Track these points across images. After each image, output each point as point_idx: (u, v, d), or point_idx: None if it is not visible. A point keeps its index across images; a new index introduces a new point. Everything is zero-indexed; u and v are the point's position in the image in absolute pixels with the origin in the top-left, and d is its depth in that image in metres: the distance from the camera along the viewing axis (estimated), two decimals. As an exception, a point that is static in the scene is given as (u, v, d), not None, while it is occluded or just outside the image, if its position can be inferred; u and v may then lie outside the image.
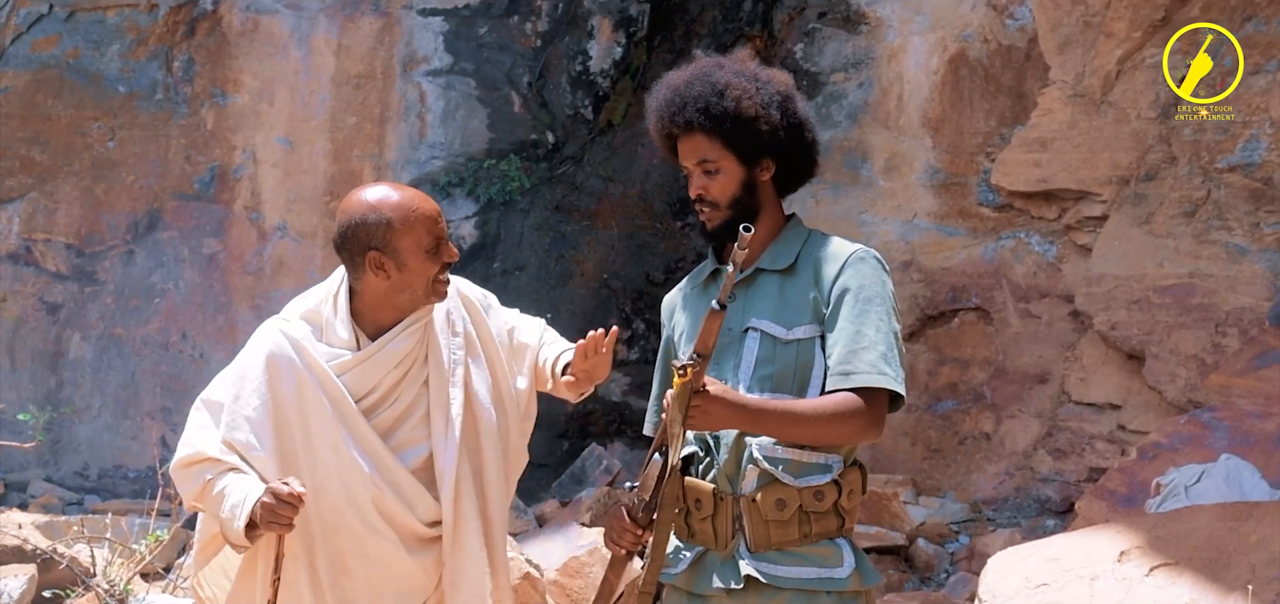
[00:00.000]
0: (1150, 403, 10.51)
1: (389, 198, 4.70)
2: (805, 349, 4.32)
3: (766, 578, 4.27)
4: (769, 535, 4.27)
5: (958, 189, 11.70)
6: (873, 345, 4.28)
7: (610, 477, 11.38)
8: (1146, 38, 11.00)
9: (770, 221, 4.49)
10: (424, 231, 4.68)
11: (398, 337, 4.76)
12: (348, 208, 4.75)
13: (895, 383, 4.28)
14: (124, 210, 13.57)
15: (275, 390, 4.72)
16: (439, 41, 13.36)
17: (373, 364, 4.74)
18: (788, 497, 4.26)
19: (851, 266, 4.36)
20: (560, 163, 13.39)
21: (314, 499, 4.65)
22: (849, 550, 4.32)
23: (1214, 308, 10.40)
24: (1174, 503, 8.66)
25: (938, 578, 9.81)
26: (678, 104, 4.43)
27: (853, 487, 4.34)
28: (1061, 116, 11.24)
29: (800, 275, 4.40)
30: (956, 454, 11.30)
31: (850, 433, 4.29)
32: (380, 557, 4.73)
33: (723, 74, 4.42)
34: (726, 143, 4.38)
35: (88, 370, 13.46)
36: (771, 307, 4.37)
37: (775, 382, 4.31)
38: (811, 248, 4.45)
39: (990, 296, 11.44)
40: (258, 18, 13.52)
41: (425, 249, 4.69)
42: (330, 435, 4.69)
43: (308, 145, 13.43)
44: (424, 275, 4.71)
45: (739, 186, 4.41)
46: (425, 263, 4.70)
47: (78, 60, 13.67)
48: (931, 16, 11.95)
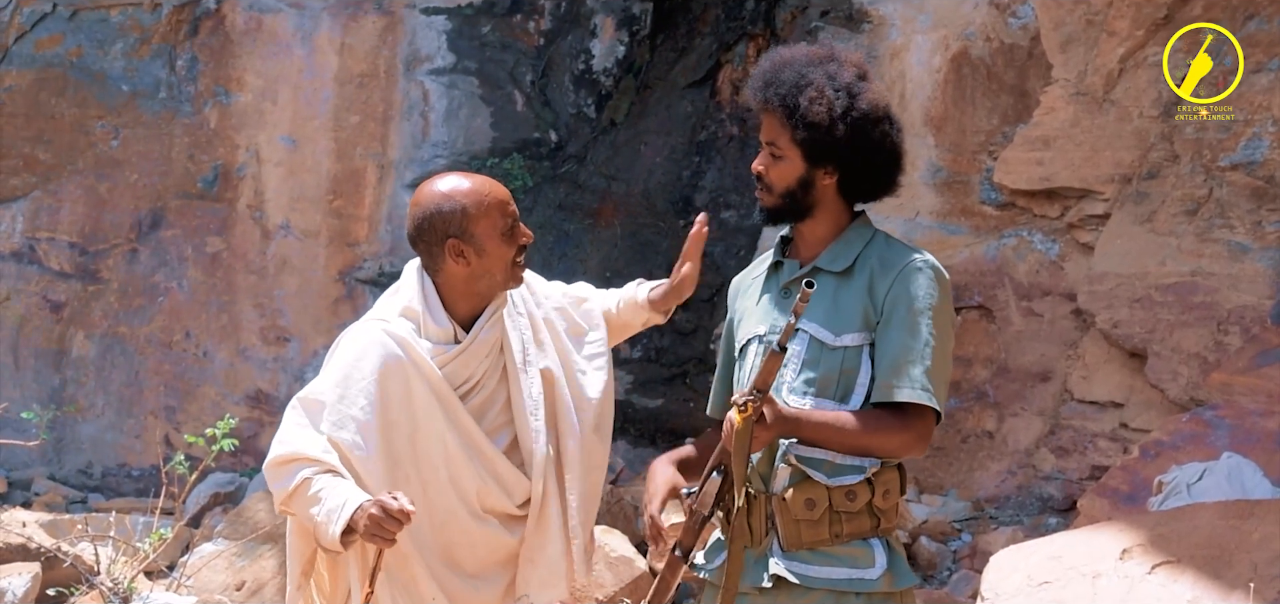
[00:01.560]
0: (1152, 401, 10.51)
1: (461, 185, 4.77)
2: (852, 357, 4.32)
3: (797, 577, 4.27)
4: (800, 535, 4.27)
5: (960, 187, 11.71)
6: (919, 359, 4.28)
7: (613, 475, 11.39)
8: (1149, 36, 11.00)
9: (830, 222, 4.47)
10: (499, 215, 4.73)
11: (487, 325, 4.81)
12: (421, 200, 4.80)
13: (934, 401, 4.28)
14: (127, 209, 13.59)
15: (384, 390, 4.72)
16: (442, 40, 13.37)
17: (470, 354, 4.79)
18: (817, 496, 4.25)
19: (906, 276, 4.35)
20: (563, 161, 13.39)
21: (422, 496, 4.68)
22: (882, 551, 4.31)
23: (1216, 306, 10.40)
24: (1176, 501, 8.67)
25: (940, 576, 9.83)
26: (768, 80, 4.45)
27: (889, 486, 4.32)
28: (1064, 115, 11.24)
29: (856, 279, 4.39)
30: (959, 452, 11.30)
31: (892, 449, 4.31)
32: (486, 542, 4.80)
33: (815, 71, 4.41)
34: (793, 137, 4.39)
35: (91, 369, 13.48)
36: (823, 310, 4.36)
37: (819, 386, 4.31)
38: (872, 251, 4.44)
39: (992, 295, 11.45)
40: (261, 17, 13.53)
41: (501, 232, 4.74)
42: (438, 430, 4.73)
43: (311, 144, 13.44)
44: (502, 259, 4.76)
45: (795, 181, 4.41)
46: (502, 246, 4.75)
47: (81, 59, 13.68)
48: (934, 15, 11.95)
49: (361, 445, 4.68)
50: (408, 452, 4.73)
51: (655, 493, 4.44)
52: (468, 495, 4.76)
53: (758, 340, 4.48)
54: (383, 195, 13.32)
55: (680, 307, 5.38)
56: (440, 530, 4.77)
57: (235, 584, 9.50)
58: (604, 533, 9.24)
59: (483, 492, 4.77)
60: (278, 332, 13.13)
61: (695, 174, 13.11)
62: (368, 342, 4.80)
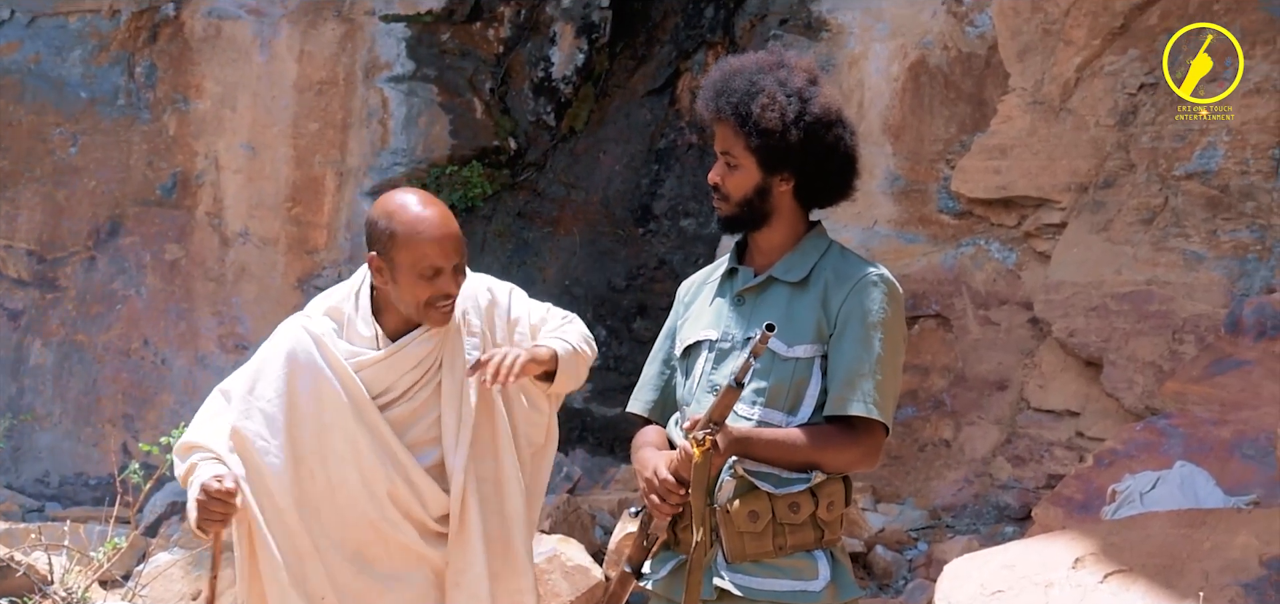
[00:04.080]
0: (1108, 410, 10.55)
1: (406, 209, 4.73)
2: (802, 368, 4.34)
3: (740, 590, 4.29)
4: (744, 547, 4.27)
5: (918, 196, 11.73)
6: (872, 374, 4.29)
7: (570, 484, 11.38)
8: (1105, 45, 11.04)
9: (787, 230, 4.49)
10: (421, 255, 4.68)
11: (416, 340, 4.81)
12: (375, 204, 4.82)
13: (883, 416, 4.30)
14: (86, 217, 13.54)
15: (292, 385, 4.78)
16: (401, 48, 13.36)
17: (390, 364, 4.79)
18: (761, 508, 4.26)
19: (861, 290, 4.37)
20: (522, 169, 13.40)
21: (329, 493, 4.74)
22: (826, 563, 4.32)
23: (1171, 315, 10.43)
24: (1129, 510, 8.68)
25: (896, 585, 9.83)
26: (719, 90, 4.46)
27: (833, 498, 4.33)
28: (1021, 124, 11.28)
29: (810, 291, 4.40)
30: (916, 461, 11.32)
31: (842, 464, 4.33)
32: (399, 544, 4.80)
33: (766, 78, 4.42)
34: (747, 145, 4.40)
35: (48, 377, 13.43)
36: (777, 319, 4.36)
37: (769, 396, 4.33)
38: (827, 263, 4.45)
39: (950, 303, 11.47)
40: (220, 23, 13.50)
41: (419, 272, 4.70)
42: (348, 430, 4.75)
43: (270, 151, 13.41)
44: (414, 296, 4.73)
45: (752, 190, 4.43)
46: (416, 284, 4.71)
47: (39, 65, 13.63)
48: (892, 24, 11.97)
49: (264, 437, 4.75)
50: (314, 448, 4.76)
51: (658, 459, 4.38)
52: (379, 498, 4.76)
53: (707, 345, 4.48)
54: (342, 202, 13.31)
55: (639, 314, 5.39)
56: (351, 528, 4.79)
57: (191, 594, 9.47)
58: (561, 542, 9.22)
59: (395, 494, 4.77)
60: (236, 339, 13.10)
61: (654, 182, 13.12)
62: (284, 336, 4.86)
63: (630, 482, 11.23)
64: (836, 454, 4.30)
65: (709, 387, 4.41)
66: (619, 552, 8.89)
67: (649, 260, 12.93)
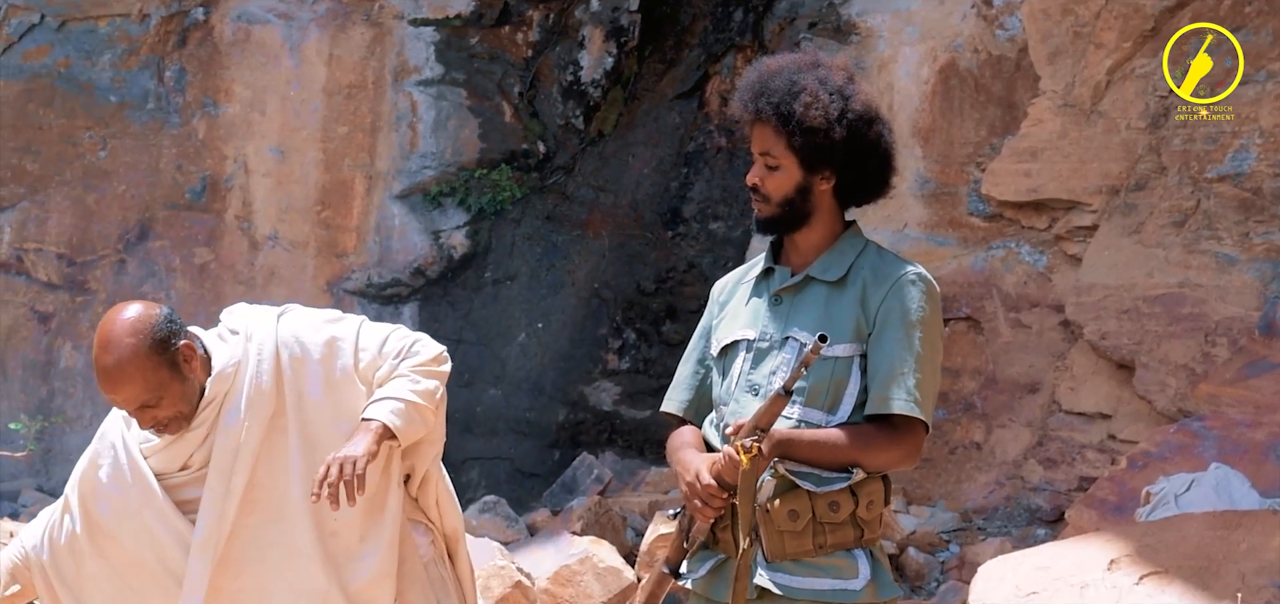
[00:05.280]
0: (1140, 412, 10.52)
1: (98, 358, 4.66)
2: (842, 367, 4.31)
3: (780, 588, 4.26)
4: (784, 546, 4.25)
5: (948, 199, 11.72)
6: (911, 372, 4.27)
7: (602, 486, 11.38)
8: (1136, 48, 11.02)
9: (825, 230, 4.46)
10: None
11: (182, 440, 4.80)
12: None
13: (923, 414, 4.28)
14: (115, 220, 13.56)
15: (94, 470, 4.90)
16: (430, 51, 13.37)
17: (170, 453, 4.82)
18: (801, 507, 4.23)
19: (900, 289, 4.34)
20: (551, 173, 13.40)
21: (128, 569, 4.85)
22: (866, 562, 4.29)
23: (1204, 317, 10.41)
24: (1164, 512, 8.66)
25: (928, 587, 9.82)
26: (757, 90, 4.42)
27: (873, 497, 4.29)
28: (1052, 126, 11.25)
29: (849, 290, 4.37)
30: (947, 464, 11.30)
31: (883, 463, 4.30)
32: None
33: (806, 76, 4.39)
34: (789, 144, 4.36)
35: (79, 380, 13.44)
36: (815, 319, 4.34)
37: (809, 394, 4.30)
38: (865, 262, 4.42)
39: (980, 306, 11.46)
40: (249, 27, 13.52)
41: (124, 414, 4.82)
42: (133, 508, 4.81)
43: (299, 155, 13.43)
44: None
45: (794, 189, 4.39)
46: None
47: (69, 70, 13.66)
48: (922, 27, 11.96)
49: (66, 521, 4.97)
50: (102, 527, 4.89)
51: (700, 463, 4.34)
52: (170, 564, 4.82)
53: (745, 345, 4.45)
54: (371, 206, 13.32)
55: (669, 317, 5.36)
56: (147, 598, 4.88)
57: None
58: (592, 544, 9.23)
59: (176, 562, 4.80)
60: (265, 343, 13.08)
61: (683, 185, 13.12)
62: (106, 421, 5.00)
63: (661, 484, 11.23)
64: (878, 453, 4.28)
65: (747, 386, 4.39)
66: (651, 554, 8.89)
67: (678, 263, 12.92)
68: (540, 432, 12.64)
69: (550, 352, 12.96)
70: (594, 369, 12.69)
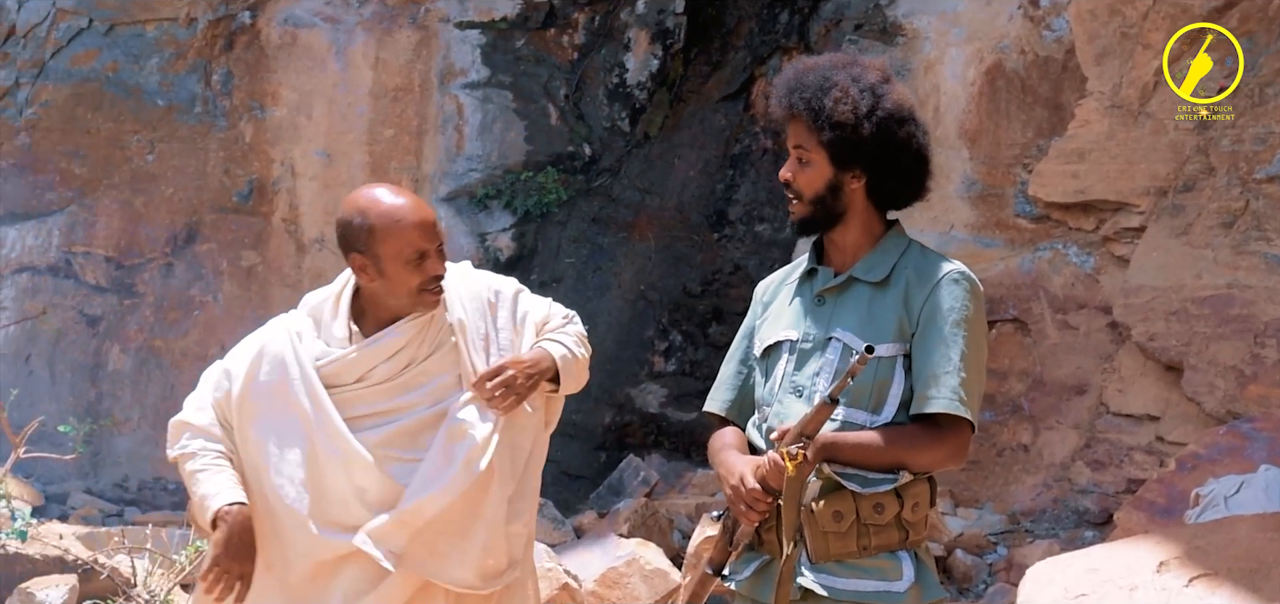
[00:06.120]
0: (1189, 414, 10.48)
1: (378, 203, 4.73)
2: (885, 367, 4.32)
3: (824, 589, 4.27)
4: (828, 547, 4.26)
5: (995, 200, 11.69)
6: (955, 372, 4.27)
7: (648, 488, 11.39)
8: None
9: (862, 230, 4.47)
10: (405, 242, 4.69)
11: (388, 335, 4.80)
12: (341, 208, 4.83)
13: (969, 414, 4.28)
14: (163, 223, 13.63)
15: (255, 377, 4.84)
16: (476, 54, 13.41)
17: (356, 362, 4.80)
18: (845, 508, 4.24)
19: (942, 288, 4.36)
20: (597, 175, 13.42)
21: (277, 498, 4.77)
22: (910, 564, 4.30)
23: (1253, 319, 10.36)
24: (1213, 514, 8.62)
25: (975, 589, 9.80)
26: (791, 87, 4.45)
27: (918, 499, 4.30)
28: (1099, 128, 11.22)
29: (892, 290, 4.39)
30: (994, 466, 11.28)
31: (929, 463, 4.31)
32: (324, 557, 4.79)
33: (840, 74, 4.42)
34: (819, 139, 4.39)
35: (127, 383, 13.52)
36: (858, 319, 4.37)
37: (853, 395, 4.30)
38: (908, 262, 4.44)
39: (1027, 308, 11.43)
40: (295, 31, 13.58)
41: (406, 260, 4.71)
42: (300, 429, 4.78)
43: (345, 158, 13.48)
44: (405, 284, 4.74)
45: (824, 185, 4.41)
46: (406, 272, 4.72)
47: (117, 74, 13.73)
48: (968, 28, 11.94)
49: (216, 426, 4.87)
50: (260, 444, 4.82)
51: (744, 467, 4.36)
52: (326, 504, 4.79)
53: (788, 346, 4.47)
54: (417, 209, 13.35)
55: (715, 319, 5.36)
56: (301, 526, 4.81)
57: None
58: (639, 546, 9.23)
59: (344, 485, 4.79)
60: (312, 345, 13.13)
61: (729, 187, 13.13)
62: (266, 329, 4.95)
63: (707, 486, 11.23)
64: (923, 453, 4.28)
65: (791, 387, 4.41)
66: (698, 556, 8.88)
67: (724, 265, 12.92)
68: (587, 434, 12.65)
69: (596, 354, 12.87)
70: (640, 371, 12.70)
